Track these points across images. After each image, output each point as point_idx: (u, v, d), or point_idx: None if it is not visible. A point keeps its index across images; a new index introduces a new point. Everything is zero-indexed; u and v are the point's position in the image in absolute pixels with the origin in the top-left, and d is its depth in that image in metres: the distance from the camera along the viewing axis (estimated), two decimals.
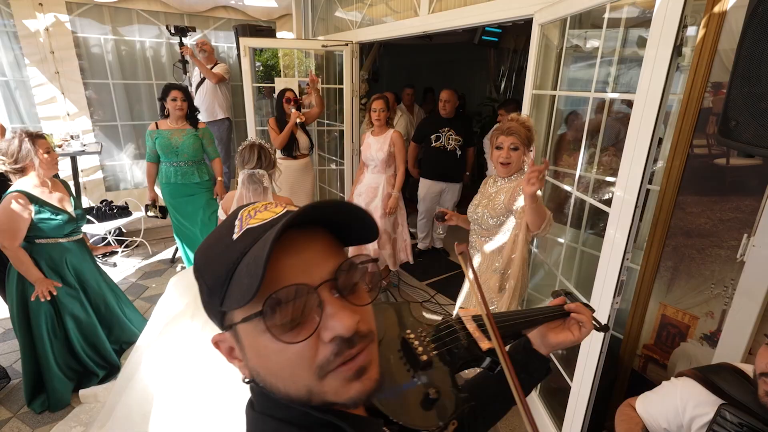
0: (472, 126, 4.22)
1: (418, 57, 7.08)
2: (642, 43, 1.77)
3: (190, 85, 4.23)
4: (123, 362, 2.46)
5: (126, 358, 2.50)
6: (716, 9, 1.48)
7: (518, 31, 6.39)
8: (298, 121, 3.33)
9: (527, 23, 2.28)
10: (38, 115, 3.88)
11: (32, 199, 2.04)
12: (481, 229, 1.93)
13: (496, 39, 6.91)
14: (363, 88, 4.48)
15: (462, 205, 5.24)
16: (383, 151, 3.12)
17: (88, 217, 3.68)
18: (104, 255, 3.93)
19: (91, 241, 3.57)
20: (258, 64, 4.82)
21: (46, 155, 2.05)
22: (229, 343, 0.48)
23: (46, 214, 2.08)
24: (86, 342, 2.37)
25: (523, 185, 1.57)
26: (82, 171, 4.08)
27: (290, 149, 3.49)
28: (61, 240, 2.20)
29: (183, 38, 3.90)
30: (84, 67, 4.04)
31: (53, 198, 2.13)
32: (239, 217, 0.47)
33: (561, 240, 2.34)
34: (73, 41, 3.89)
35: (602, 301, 1.44)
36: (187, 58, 3.98)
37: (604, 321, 1.48)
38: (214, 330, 1.67)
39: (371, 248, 3.26)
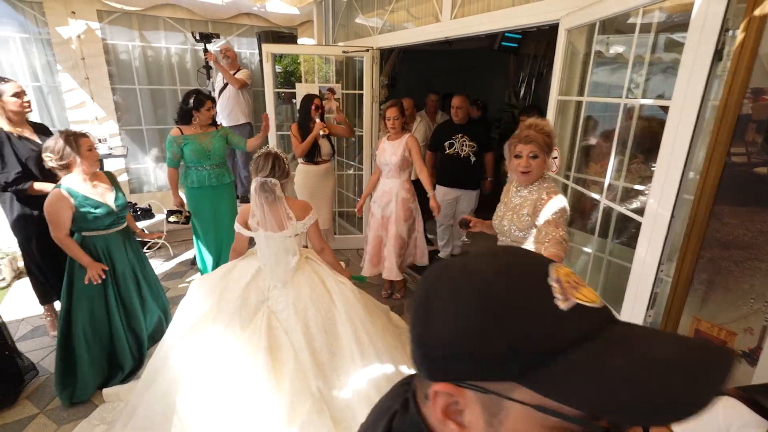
0: (491, 131, 4.13)
1: (437, 62, 7.05)
2: (675, 46, 1.72)
3: (213, 90, 4.31)
4: (146, 361, 2.50)
5: (149, 357, 2.54)
6: (757, 12, 1.43)
7: (539, 36, 6.32)
8: (321, 133, 3.37)
9: (549, 29, 2.25)
10: (68, 119, 4.00)
11: (74, 194, 2.16)
12: (508, 240, 1.90)
13: (516, 45, 6.87)
14: (383, 94, 4.48)
15: (481, 212, 5.19)
16: (397, 155, 3.11)
17: None
18: (149, 247, 4.04)
19: None
20: (278, 68, 4.89)
21: (88, 152, 2.18)
22: (461, 405, 0.40)
23: (88, 208, 2.20)
24: (128, 328, 2.46)
25: None
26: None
27: (312, 155, 3.51)
28: (103, 232, 2.32)
29: (207, 45, 3.98)
30: (112, 73, 4.16)
31: (95, 192, 2.25)
32: (553, 276, 0.39)
33: (587, 249, 2.29)
34: (103, 48, 4.01)
35: (634, 314, 1.39)
36: (211, 63, 4.06)
37: None
38: (235, 335, 1.65)
39: (389, 267, 3.26)
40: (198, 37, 3.94)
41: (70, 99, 3.96)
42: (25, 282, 3.01)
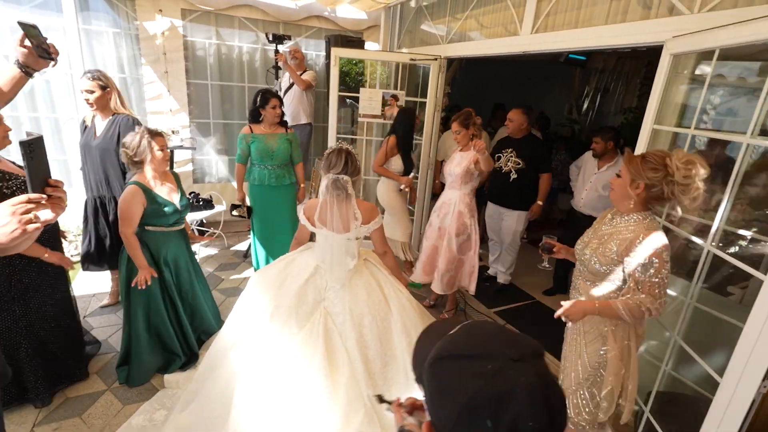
0: (548, 150, 3.74)
1: (495, 69, 6.82)
2: None
3: (280, 89, 4.42)
4: (202, 353, 2.58)
5: (205, 349, 2.62)
6: None
7: (609, 51, 6.02)
8: (402, 187, 3.49)
9: None
10: (146, 109, 4.24)
11: (145, 190, 2.23)
12: (586, 270, 1.77)
13: (585, 58, 6.57)
14: (444, 102, 4.42)
15: (534, 231, 4.99)
16: (461, 166, 3.04)
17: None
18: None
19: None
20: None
21: (159, 153, 2.23)
22: None
23: (156, 205, 2.27)
24: (178, 325, 2.53)
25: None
26: (176, 162, 4.40)
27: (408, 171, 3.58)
28: (165, 228, 2.39)
29: (279, 45, 4.08)
30: (188, 68, 4.36)
31: (163, 190, 2.32)
32: None
33: (669, 291, 2.11)
34: (183, 44, 4.21)
35: (742, 382, 1.25)
36: (280, 64, 4.16)
37: (746, 406, 1.27)
38: (292, 333, 1.65)
39: (437, 279, 3.20)
40: (271, 38, 4.05)
41: (149, 90, 4.20)
42: None
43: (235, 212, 3.38)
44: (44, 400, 2.20)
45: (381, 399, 1.06)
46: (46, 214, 0.92)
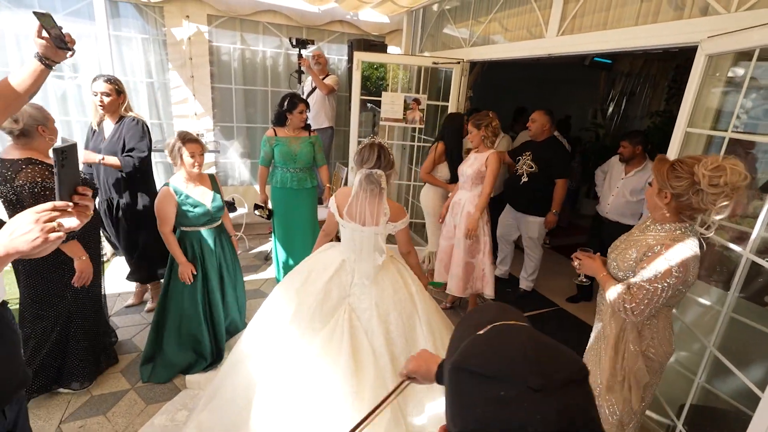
0: (566, 155, 3.70)
1: (517, 72, 6.71)
2: None
3: (302, 93, 4.46)
4: (225, 353, 2.61)
5: (228, 349, 2.65)
6: None
7: (635, 52, 5.87)
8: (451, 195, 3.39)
9: None
10: (172, 113, 4.34)
11: (177, 191, 2.37)
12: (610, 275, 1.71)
13: (611, 61, 6.43)
14: (466, 106, 4.38)
15: (559, 237, 4.88)
16: (473, 168, 3.03)
17: None
18: None
19: None
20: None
21: (188, 159, 2.32)
22: None
23: (187, 206, 2.38)
24: (212, 325, 2.59)
25: None
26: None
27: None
28: (199, 228, 2.49)
29: (302, 50, 4.13)
30: (213, 73, 4.45)
31: (196, 192, 2.42)
32: None
33: (703, 300, 2.03)
34: (208, 49, 4.30)
35: None
36: (303, 68, 4.21)
37: None
38: (315, 330, 1.64)
39: (450, 279, 3.17)
40: (294, 43, 4.10)
41: (175, 95, 4.30)
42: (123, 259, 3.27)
43: (257, 211, 3.44)
44: (88, 379, 2.35)
45: None
46: (71, 222, 0.92)
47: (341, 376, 1.83)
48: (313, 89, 4.49)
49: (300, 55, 4.14)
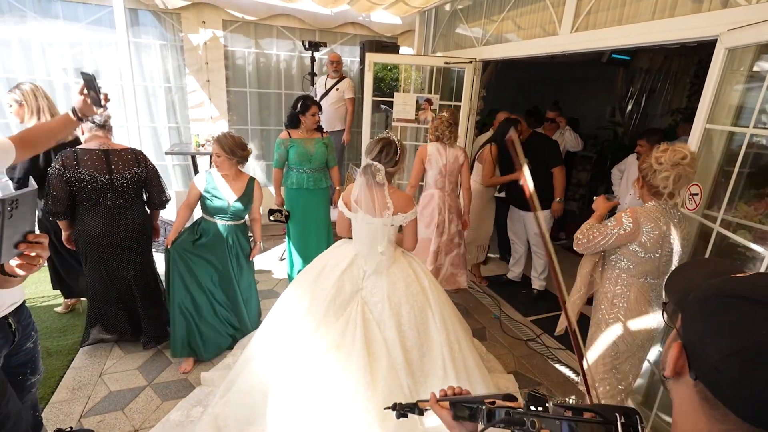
0: (553, 142, 3.74)
1: (531, 71, 6.62)
2: None
3: (315, 95, 4.50)
4: (236, 351, 2.65)
5: (240, 347, 2.69)
6: None
7: (655, 48, 5.72)
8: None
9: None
10: (189, 117, 4.44)
11: (208, 179, 2.58)
12: None
13: (629, 57, 6.28)
14: (479, 106, 4.35)
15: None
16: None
17: None
18: None
19: None
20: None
21: (216, 157, 2.54)
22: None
23: (209, 195, 2.58)
24: (212, 308, 2.68)
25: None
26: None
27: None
28: (215, 220, 2.64)
29: (315, 52, 4.17)
30: (228, 77, 4.53)
31: (225, 187, 2.59)
32: None
33: None
34: (224, 54, 4.39)
35: None
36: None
37: None
38: (327, 333, 1.64)
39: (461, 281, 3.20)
40: (307, 45, 4.14)
41: (192, 99, 4.40)
42: None
43: (272, 217, 3.40)
44: (156, 341, 2.70)
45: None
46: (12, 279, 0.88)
47: (355, 367, 1.85)
48: (327, 91, 4.53)
49: (313, 58, 4.18)
